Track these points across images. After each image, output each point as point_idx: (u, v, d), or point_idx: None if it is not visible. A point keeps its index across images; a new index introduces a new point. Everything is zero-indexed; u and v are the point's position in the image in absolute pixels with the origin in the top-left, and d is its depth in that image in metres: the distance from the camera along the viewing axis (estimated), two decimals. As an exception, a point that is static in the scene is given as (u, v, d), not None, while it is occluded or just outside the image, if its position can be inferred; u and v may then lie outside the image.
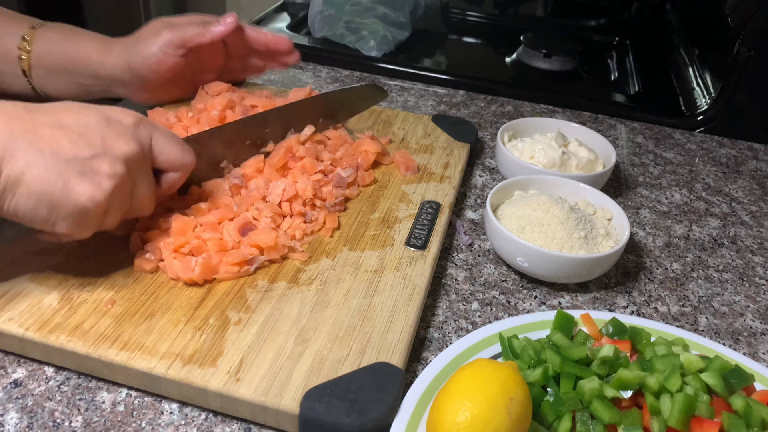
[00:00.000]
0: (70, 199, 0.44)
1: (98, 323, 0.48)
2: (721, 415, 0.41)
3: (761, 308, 0.61)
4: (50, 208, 0.44)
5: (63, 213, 0.45)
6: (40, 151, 0.44)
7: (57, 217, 0.45)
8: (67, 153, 0.44)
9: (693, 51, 1.11)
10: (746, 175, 0.84)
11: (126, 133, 0.48)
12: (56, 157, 0.44)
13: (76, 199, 0.44)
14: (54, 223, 0.45)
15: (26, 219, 0.45)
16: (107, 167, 0.46)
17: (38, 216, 0.44)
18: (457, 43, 1.31)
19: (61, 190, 0.44)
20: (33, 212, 0.44)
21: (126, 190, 0.48)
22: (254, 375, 0.45)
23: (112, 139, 0.47)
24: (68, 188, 0.44)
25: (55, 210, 0.44)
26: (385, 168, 0.71)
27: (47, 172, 0.43)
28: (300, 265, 0.56)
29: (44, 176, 0.43)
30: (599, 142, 0.76)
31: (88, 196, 0.45)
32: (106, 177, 0.46)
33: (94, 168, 0.45)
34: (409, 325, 0.50)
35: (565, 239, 0.59)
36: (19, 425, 0.44)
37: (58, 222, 0.45)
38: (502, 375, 0.40)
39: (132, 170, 0.48)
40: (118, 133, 0.47)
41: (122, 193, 0.48)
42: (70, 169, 0.44)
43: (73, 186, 0.44)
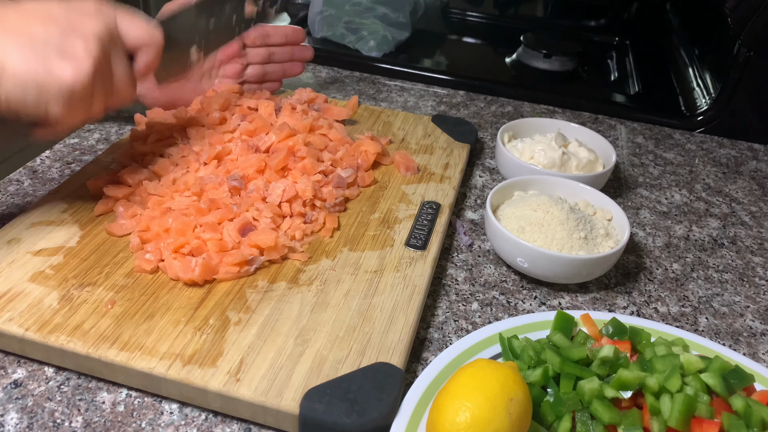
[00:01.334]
0: (55, 77, 0.46)
1: (98, 323, 0.48)
2: (721, 415, 0.41)
3: (761, 308, 0.61)
4: (38, 90, 0.46)
5: (52, 93, 0.46)
6: (15, 40, 0.46)
7: (47, 98, 0.46)
8: (40, 37, 0.46)
9: (693, 51, 1.11)
10: (746, 176, 0.84)
11: (90, 14, 0.49)
12: (31, 41, 0.46)
13: (60, 76, 0.46)
14: (46, 106, 0.47)
15: (19, 107, 0.46)
16: (82, 47, 0.47)
17: (29, 101, 0.46)
18: (457, 43, 1.31)
19: (44, 70, 0.46)
20: (23, 98, 0.46)
21: (105, 70, 0.50)
22: (254, 375, 0.45)
23: (79, 19, 0.48)
24: (50, 68, 0.46)
25: (43, 91, 0.46)
26: (385, 168, 0.71)
27: (26, 56, 0.45)
28: (300, 266, 0.56)
29: (24, 60, 0.45)
30: (599, 143, 0.76)
31: (71, 75, 0.46)
32: (84, 56, 0.47)
33: (70, 48, 0.47)
34: (409, 325, 0.50)
35: (565, 240, 0.59)
36: (19, 425, 0.44)
37: (50, 104, 0.47)
38: (502, 375, 0.40)
39: (106, 50, 0.49)
40: (83, 14, 0.49)
41: (102, 74, 0.49)
42: (48, 51, 0.46)
43: (54, 66, 0.46)
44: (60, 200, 0.60)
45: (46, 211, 0.59)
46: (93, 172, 0.65)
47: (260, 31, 0.77)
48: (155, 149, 0.66)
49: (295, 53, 0.80)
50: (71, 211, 0.59)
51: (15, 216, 0.62)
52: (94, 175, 0.63)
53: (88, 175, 0.64)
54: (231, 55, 0.76)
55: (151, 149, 0.66)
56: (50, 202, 0.60)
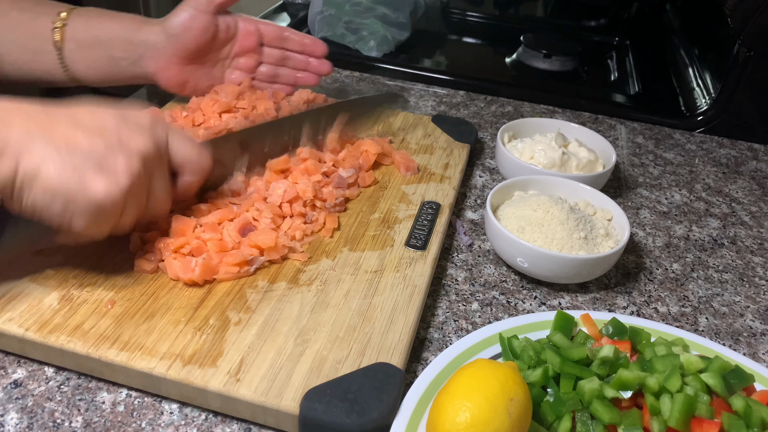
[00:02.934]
0: (87, 193, 0.44)
1: (98, 324, 0.48)
2: (721, 415, 0.41)
3: (761, 308, 0.61)
4: (66, 202, 0.44)
5: (79, 208, 0.45)
6: (56, 147, 0.44)
7: (73, 212, 0.45)
8: (83, 149, 0.45)
9: (693, 51, 1.11)
10: (746, 176, 0.84)
11: (142, 131, 0.48)
12: (72, 153, 0.44)
13: (92, 193, 0.44)
14: (71, 218, 0.45)
15: (44, 214, 0.45)
16: (123, 163, 0.46)
17: (55, 211, 0.45)
18: (457, 43, 1.31)
19: (77, 184, 0.44)
20: (50, 207, 0.44)
21: (142, 188, 0.48)
22: (254, 375, 0.45)
23: (129, 136, 0.47)
24: (84, 183, 0.44)
25: (71, 205, 0.45)
26: (385, 168, 0.71)
27: (63, 167, 0.44)
28: (300, 266, 0.56)
29: (60, 171, 0.44)
30: (599, 143, 0.76)
31: (104, 191, 0.45)
32: (122, 173, 0.46)
33: (111, 163, 0.45)
34: (409, 325, 0.50)
35: (565, 240, 0.59)
36: (19, 425, 0.44)
37: (75, 217, 0.45)
38: (502, 375, 0.40)
39: (148, 168, 0.48)
40: (134, 130, 0.48)
41: (138, 190, 0.48)
42: (86, 165, 0.44)
43: (89, 181, 0.44)
44: (60, 200, 0.60)
45: (46, 211, 0.59)
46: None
47: (279, 32, 0.76)
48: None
49: (311, 65, 0.79)
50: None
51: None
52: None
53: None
54: (247, 49, 0.76)
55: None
56: (50, 202, 0.60)
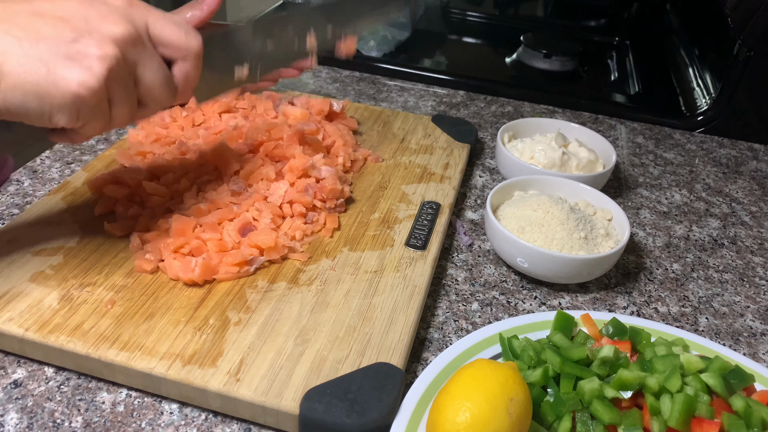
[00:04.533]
0: (59, 86, 0.41)
1: (98, 324, 0.48)
2: (721, 415, 0.41)
3: (761, 309, 0.61)
4: (40, 98, 0.41)
5: (55, 103, 0.41)
6: (17, 39, 0.41)
7: (51, 108, 0.42)
8: (46, 38, 0.41)
9: (693, 51, 1.11)
10: (746, 176, 0.84)
11: (113, 13, 0.44)
12: (35, 43, 0.41)
13: (65, 85, 0.41)
14: (50, 115, 0.42)
15: (20, 114, 0.42)
16: (95, 48, 0.42)
17: (30, 109, 0.41)
18: (457, 43, 1.31)
19: (46, 77, 0.41)
20: (23, 106, 0.41)
21: (125, 75, 0.44)
22: (254, 375, 0.45)
23: (98, 19, 0.43)
24: (54, 74, 0.41)
25: (45, 100, 0.41)
26: (385, 168, 0.71)
27: (27, 60, 0.40)
28: (300, 266, 0.56)
29: (24, 64, 0.40)
30: (599, 143, 0.76)
31: (78, 81, 0.41)
32: (95, 59, 0.42)
33: (81, 51, 0.41)
34: (409, 325, 0.50)
35: (565, 240, 0.59)
36: (19, 425, 0.44)
37: (54, 114, 0.42)
38: (503, 375, 0.40)
39: (128, 53, 0.44)
40: (103, 13, 0.43)
41: (121, 78, 0.44)
42: (53, 54, 0.41)
43: (59, 72, 0.41)
44: (60, 200, 0.60)
45: (46, 211, 0.59)
46: (93, 172, 0.65)
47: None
48: (154, 149, 0.66)
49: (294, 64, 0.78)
50: (71, 211, 0.59)
51: (15, 216, 0.62)
52: (94, 175, 0.63)
53: (88, 175, 0.64)
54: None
55: (150, 149, 0.66)
56: (50, 202, 0.60)
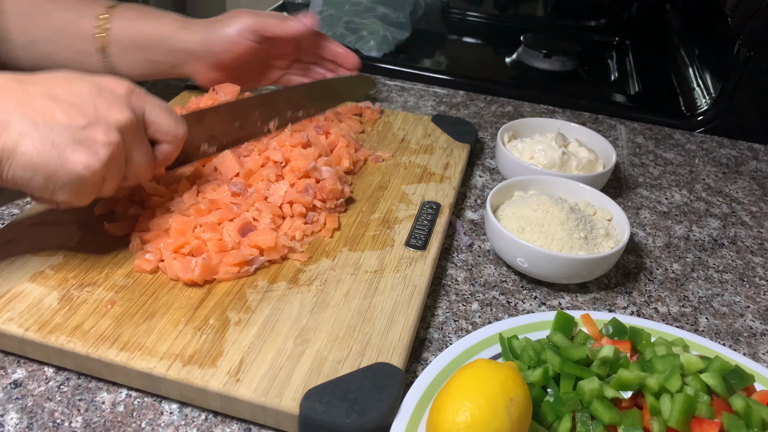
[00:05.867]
0: (67, 168, 0.45)
1: (98, 324, 0.48)
2: (721, 415, 0.41)
3: (761, 309, 0.61)
4: (47, 177, 0.45)
5: (60, 182, 0.45)
6: (34, 122, 0.44)
7: (55, 185, 0.45)
8: (60, 123, 0.45)
9: (693, 51, 1.11)
10: (746, 176, 0.84)
11: (119, 102, 0.48)
12: (50, 128, 0.44)
13: (72, 167, 0.45)
14: (52, 191, 0.46)
15: (25, 187, 0.46)
16: (102, 135, 0.46)
17: (35, 185, 0.45)
18: (457, 43, 1.31)
19: (56, 159, 0.44)
20: (30, 181, 0.45)
21: (121, 157, 0.49)
22: (254, 375, 0.45)
23: (105, 107, 0.47)
24: (64, 157, 0.45)
25: (52, 179, 0.45)
26: (385, 168, 0.71)
27: (42, 143, 0.44)
28: (300, 266, 0.56)
29: (39, 147, 0.44)
30: (599, 143, 0.76)
31: (84, 165, 0.45)
32: (101, 145, 0.46)
33: (89, 137, 0.46)
34: (409, 325, 0.50)
35: (565, 240, 0.59)
36: (19, 425, 0.44)
37: (56, 191, 0.46)
38: (502, 375, 0.40)
39: (127, 138, 0.49)
40: (110, 101, 0.48)
41: (118, 160, 0.48)
42: (65, 139, 0.45)
43: (68, 155, 0.45)
44: (60, 200, 0.60)
45: (46, 211, 0.59)
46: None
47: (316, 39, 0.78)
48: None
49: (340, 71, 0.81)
50: (71, 211, 0.59)
51: (15, 216, 0.62)
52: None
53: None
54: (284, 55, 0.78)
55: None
56: (50, 202, 0.60)
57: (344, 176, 0.66)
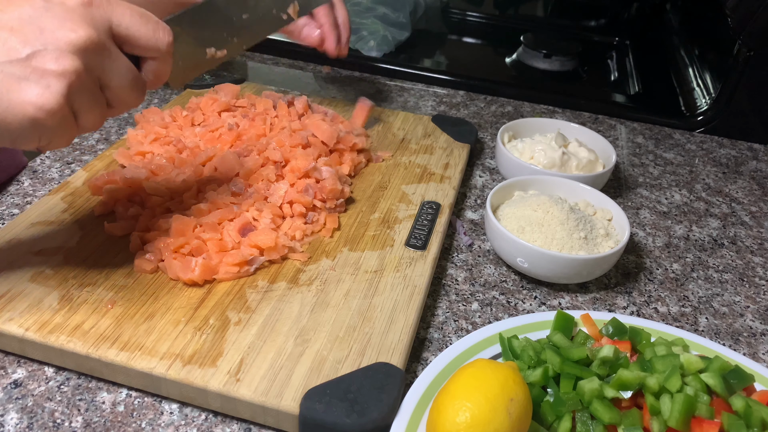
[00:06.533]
0: (15, 111, 0.37)
1: (98, 323, 0.48)
2: (721, 415, 0.41)
3: (761, 309, 0.61)
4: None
5: (13, 129, 0.38)
6: None
7: (11, 134, 0.38)
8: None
9: (693, 51, 1.11)
10: (746, 176, 0.84)
11: (72, 17, 0.39)
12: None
13: (21, 110, 0.37)
14: (12, 141, 0.39)
15: None
16: (53, 64, 0.37)
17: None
18: (457, 43, 1.31)
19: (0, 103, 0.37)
20: None
21: (91, 85, 0.40)
22: (254, 375, 0.45)
23: (55, 27, 0.38)
24: (9, 99, 0.37)
25: (4, 128, 0.37)
26: (385, 168, 0.71)
27: None
28: (300, 266, 0.56)
29: None
30: (599, 143, 0.76)
31: (34, 105, 0.37)
32: (53, 76, 0.38)
33: (37, 68, 0.37)
34: (409, 325, 0.50)
35: (565, 240, 0.59)
36: (19, 425, 0.44)
37: (16, 139, 0.38)
38: (503, 375, 0.40)
39: (91, 60, 0.39)
40: (61, 18, 0.38)
41: (86, 90, 0.40)
42: (6, 76, 0.37)
43: (14, 95, 0.37)
44: (60, 200, 0.60)
45: (46, 211, 0.59)
46: (93, 172, 0.65)
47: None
48: (154, 149, 0.66)
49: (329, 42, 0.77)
50: (71, 211, 0.59)
51: (15, 216, 0.62)
52: (94, 175, 0.63)
53: (88, 175, 0.64)
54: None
55: (150, 149, 0.66)
56: (50, 202, 0.60)
57: (344, 176, 0.66)
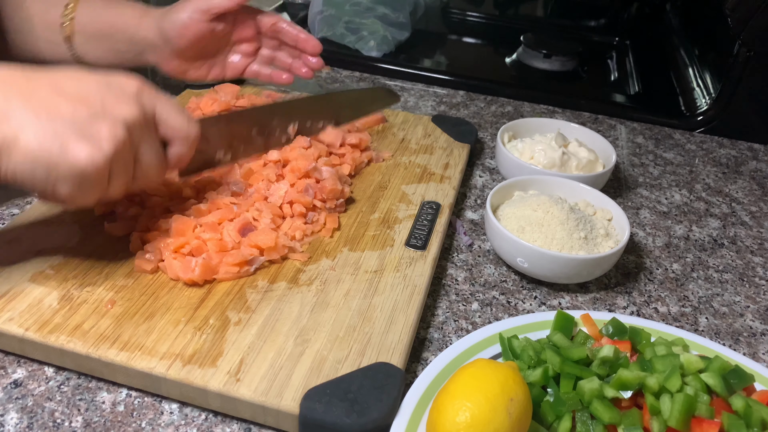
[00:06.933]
0: (68, 160, 0.43)
1: (98, 323, 0.48)
2: (721, 415, 0.41)
3: (761, 308, 0.61)
4: (48, 170, 0.43)
5: (61, 175, 0.44)
6: (36, 113, 0.43)
7: (56, 179, 0.44)
8: (64, 115, 0.44)
9: (693, 51, 1.11)
10: (746, 176, 0.84)
11: (127, 98, 0.47)
12: (53, 119, 0.43)
13: (74, 160, 0.43)
14: (53, 185, 0.44)
15: (25, 182, 0.44)
16: (107, 130, 0.45)
17: (36, 179, 0.44)
18: (457, 43, 1.31)
19: (58, 151, 0.43)
20: (31, 175, 0.43)
21: (128, 155, 0.47)
22: (254, 375, 0.45)
23: (113, 102, 0.46)
24: (66, 149, 0.43)
25: (53, 172, 0.43)
26: (385, 168, 0.71)
27: (43, 134, 0.43)
28: (300, 266, 0.56)
29: (40, 137, 0.43)
30: (599, 143, 0.76)
31: (86, 158, 0.44)
32: (105, 139, 0.44)
33: (93, 130, 0.44)
34: (409, 325, 0.50)
35: (565, 240, 0.59)
36: (19, 425, 0.44)
37: (58, 184, 0.44)
38: (503, 375, 0.40)
39: (134, 135, 0.47)
40: (118, 97, 0.46)
41: (124, 158, 0.47)
42: (68, 131, 0.43)
43: (71, 147, 0.43)
44: (60, 200, 0.60)
45: (46, 211, 0.59)
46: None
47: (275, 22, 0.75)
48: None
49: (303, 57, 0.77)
50: (71, 211, 0.59)
51: (15, 216, 0.62)
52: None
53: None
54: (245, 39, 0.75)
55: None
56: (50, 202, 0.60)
57: (344, 176, 0.66)
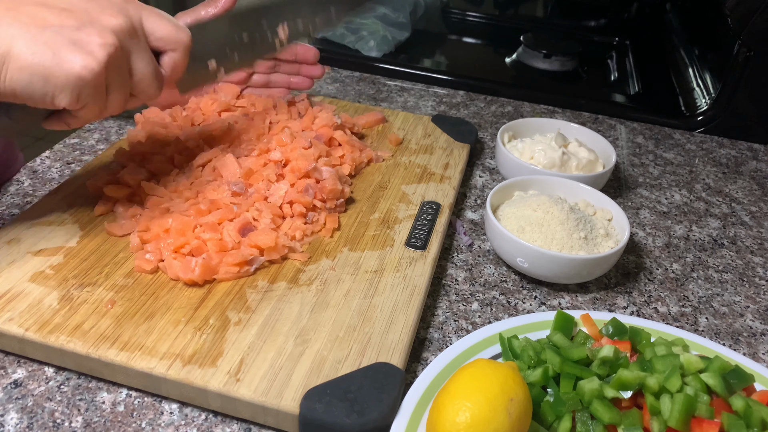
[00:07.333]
0: (64, 68, 0.44)
1: (98, 323, 0.48)
2: (721, 415, 0.41)
3: (761, 309, 0.61)
4: (45, 79, 0.44)
5: (59, 84, 0.44)
6: (25, 25, 0.43)
7: (54, 89, 0.44)
8: (52, 25, 0.44)
9: (693, 51, 1.11)
10: (746, 176, 0.84)
11: (113, 8, 0.47)
12: (41, 29, 0.44)
13: (69, 67, 0.44)
14: (53, 96, 0.45)
15: (25, 96, 0.44)
16: (97, 37, 0.45)
17: (35, 90, 0.44)
18: (457, 43, 1.31)
19: (51, 59, 0.43)
20: (29, 86, 0.44)
21: (122, 64, 0.47)
22: (254, 375, 0.45)
23: (99, 13, 0.46)
24: (59, 57, 0.43)
25: (50, 81, 0.44)
26: (385, 168, 0.71)
27: (34, 43, 0.43)
28: (300, 266, 0.56)
29: (32, 47, 0.43)
30: (599, 143, 0.76)
31: (81, 64, 0.44)
32: (97, 46, 0.45)
33: (84, 38, 0.45)
34: (409, 325, 0.50)
35: (565, 240, 0.59)
36: (19, 425, 0.44)
37: (57, 95, 0.44)
38: (502, 375, 0.40)
39: (125, 45, 0.47)
40: (104, 8, 0.47)
41: (119, 66, 0.47)
42: (59, 40, 0.44)
43: (64, 55, 0.44)
44: (60, 200, 0.60)
45: (46, 211, 0.59)
46: (93, 172, 0.65)
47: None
48: (154, 149, 0.66)
49: (303, 70, 0.79)
50: (71, 211, 0.59)
51: (15, 216, 0.62)
52: (94, 175, 0.63)
53: (88, 175, 0.64)
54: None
55: (149, 149, 0.66)
56: (50, 202, 0.60)
57: (344, 176, 0.66)
